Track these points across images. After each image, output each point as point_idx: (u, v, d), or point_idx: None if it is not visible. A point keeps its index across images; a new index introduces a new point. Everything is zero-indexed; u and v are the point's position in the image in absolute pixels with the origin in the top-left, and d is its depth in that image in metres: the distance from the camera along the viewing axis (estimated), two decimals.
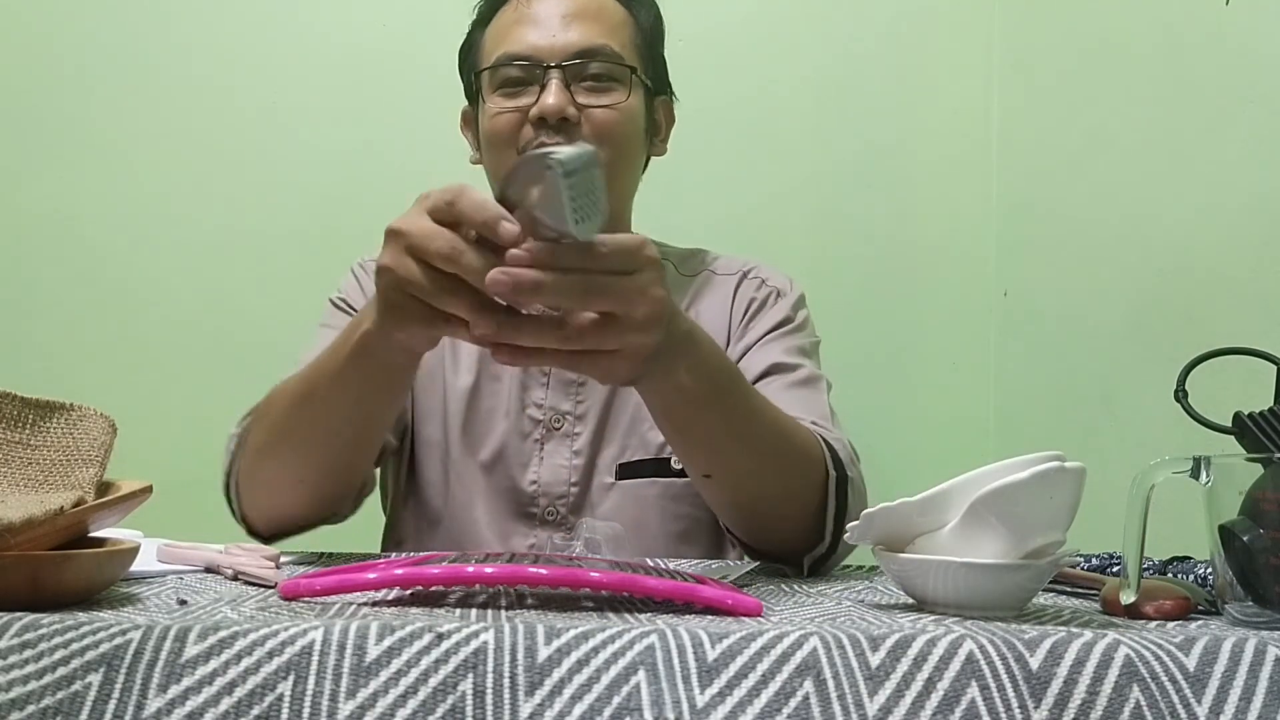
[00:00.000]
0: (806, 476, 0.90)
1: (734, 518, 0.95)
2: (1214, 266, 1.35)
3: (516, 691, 0.48)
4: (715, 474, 0.89)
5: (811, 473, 0.90)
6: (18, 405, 0.66)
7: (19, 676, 0.47)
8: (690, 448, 0.90)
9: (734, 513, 0.94)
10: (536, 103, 1.06)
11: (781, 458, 0.89)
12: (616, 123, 1.08)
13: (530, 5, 1.10)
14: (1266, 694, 0.51)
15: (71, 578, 0.58)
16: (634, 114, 1.11)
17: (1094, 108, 1.59)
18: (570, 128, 1.06)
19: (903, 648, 0.50)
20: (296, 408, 0.90)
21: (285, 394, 0.92)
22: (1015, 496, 0.62)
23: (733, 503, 0.93)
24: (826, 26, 1.80)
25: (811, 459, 0.90)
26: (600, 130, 1.07)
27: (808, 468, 0.90)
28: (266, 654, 0.48)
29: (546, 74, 1.06)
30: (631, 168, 1.14)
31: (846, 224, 1.76)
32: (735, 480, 0.89)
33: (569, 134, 1.06)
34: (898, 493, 0.68)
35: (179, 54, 1.73)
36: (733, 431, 0.86)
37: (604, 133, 1.07)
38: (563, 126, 1.06)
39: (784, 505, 0.90)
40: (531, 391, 1.14)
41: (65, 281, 1.70)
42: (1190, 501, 0.64)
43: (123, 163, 1.71)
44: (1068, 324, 1.63)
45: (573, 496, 1.11)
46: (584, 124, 1.07)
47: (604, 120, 1.07)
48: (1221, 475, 0.62)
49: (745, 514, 0.93)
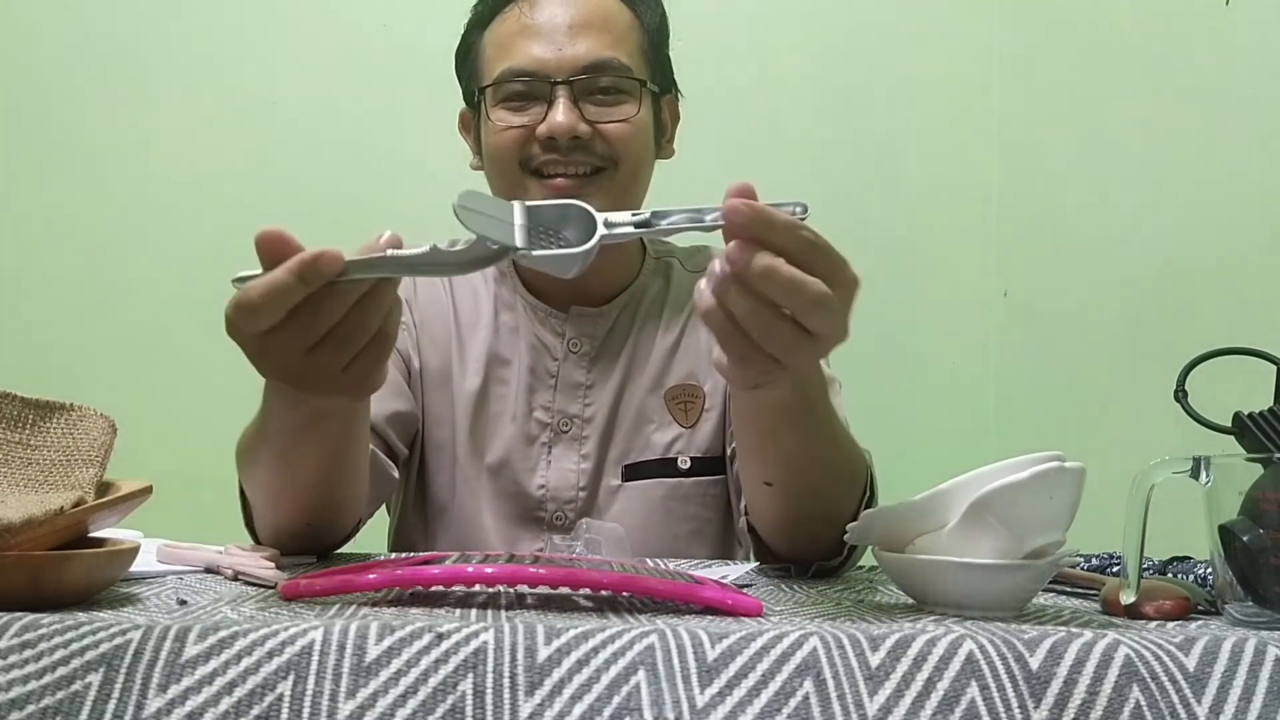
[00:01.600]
0: (851, 498, 0.86)
1: (778, 525, 0.89)
2: (1214, 266, 1.35)
3: (516, 691, 0.48)
4: (777, 484, 0.84)
5: (856, 492, 0.87)
6: (18, 405, 0.66)
7: (19, 676, 0.47)
8: (764, 458, 0.84)
9: (779, 523, 0.89)
10: (545, 120, 1.04)
11: (840, 479, 0.86)
12: (629, 137, 1.07)
13: (533, 13, 1.07)
14: (1266, 694, 0.51)
15: (71, 578, 0.58)
16: (644, 126, 1.10)
17: (1094, 108, 1.59)
18: (583, 144, 1.05)
19: (903, 648, 0.50)
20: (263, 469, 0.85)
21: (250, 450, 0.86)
22: (1015, 496, 0.62)
23: (783, 514, 0.88)
24: (827, 26, 1.80)
25: (860, 479, 0.87)
26: (615, 145, 1.06)
27: (854, 490, 0.87)
28: (266, 654, 0.48)
29: (554, 90, 1.04)
30: (643, 179, 1.12)
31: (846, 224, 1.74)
32: (796, 492, 0.85)
33: (582, 150, 1.05)
34: (898, 493, 0.68)
35: (179, 54, 1.73)
36: (809, 449, 0.81)
37: (618, 147, 1.06)
38: (574, 144, 1.05)
39: (824, 523, 0.86)
40: (539, 394, 1.13)
41: (65, 281, 1.70)
42: (1190, 501, 0.64)
43: (123, 162, 1.71)
44: (1068, 324, 1.63)
45: (581, 500, 1.11)
46: (597, 139, 1.06)
47: (616, 135, 1.06)
48: (1221, 475, 0.62)
49: (789, 525, 0.88)
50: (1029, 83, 1.76)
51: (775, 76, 1.79)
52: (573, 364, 1.14)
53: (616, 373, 1.14)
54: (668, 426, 1.13)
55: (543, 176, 1.07)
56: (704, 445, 1.13)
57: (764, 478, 0.85)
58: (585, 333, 1.15)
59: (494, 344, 1.15)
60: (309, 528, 0.89)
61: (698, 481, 1.11)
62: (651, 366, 1.14)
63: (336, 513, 0.90)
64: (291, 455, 0.82)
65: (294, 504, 0.87)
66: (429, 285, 1.18)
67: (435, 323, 1.16)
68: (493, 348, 1.15)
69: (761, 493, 0.86)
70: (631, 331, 1.16)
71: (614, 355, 1.15)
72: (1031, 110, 1.75)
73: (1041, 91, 1.73)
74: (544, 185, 1.06)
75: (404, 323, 1.15)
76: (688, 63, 1.21)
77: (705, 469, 1.12)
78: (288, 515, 0.88)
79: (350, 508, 0.92)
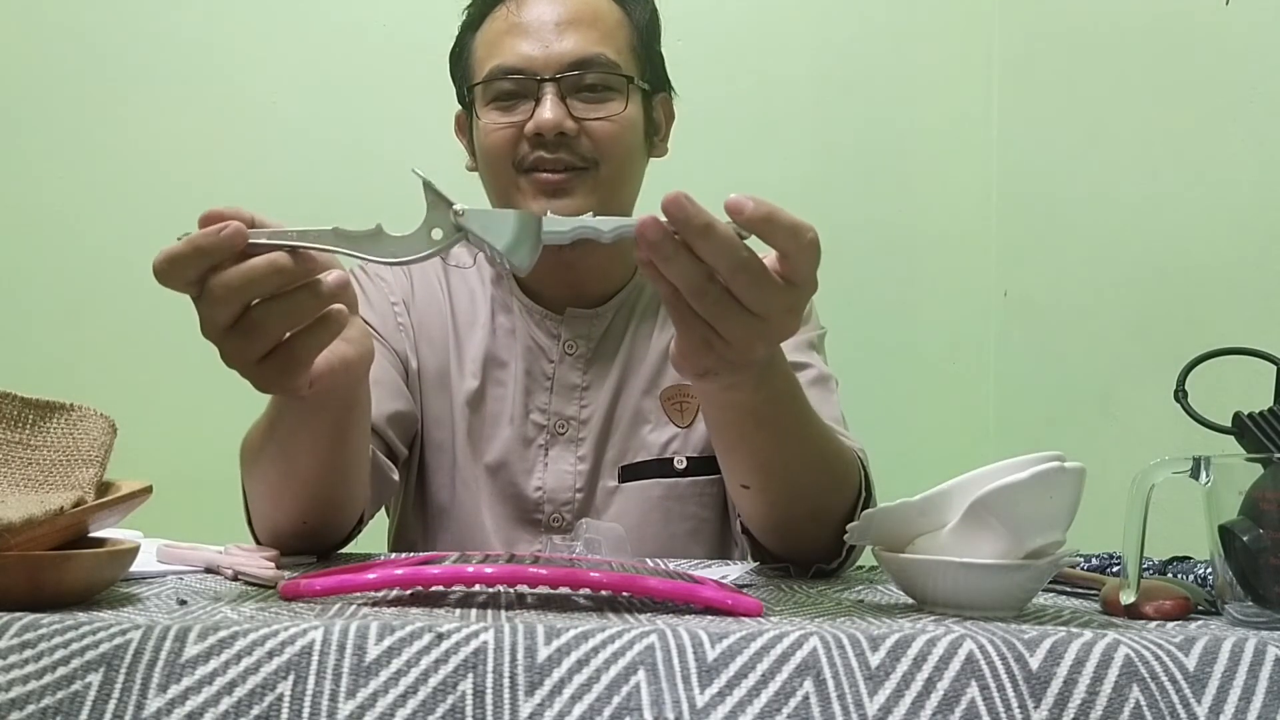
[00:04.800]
0: (841, 497, 0.86)
1: (763, 527, 0.90)
2: (1214, 266, 1.35)
3: (516, 691, 0.48)
4: (755, 487, 0.85)
5: (847, 494, 0.87)
6: (18, 405, 0.66)
7: (19, 676, 0.47)
8: (737, 459, 0.85)
9: (764, 524, 0.90)
10: (532, 118, 1.04)
11: (823, 479, 0.85)
12: (616, 134, 1.07)
13: (521, 11, 1.07)
14: (1266, 694, 0.51)
15: (71, 578, 0.58)
16: (633, 123, 1.09)
17: (1094, 107, 1.59)
18: (568, 141, 1.05)
19: (903, 648, 0.50)
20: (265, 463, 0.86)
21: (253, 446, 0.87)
22: (1015, 496, 0.62)
23: (766, 516, 0.88)
24: (827, 26, 1.80)
25: (849, 482, 0.87)
26: (600, 143, 1.06)
27: (844, 489, 0.87)
28: (266, 654, 0.48)
29: (541, 87, 1.04)
30: (633, 177, 1.12)
31: (846, 224, 1.76)
32: (775, 494, 0.85)
33: (567, 148, 1.05)
34: (898, 493, 0.68)
35: (179, 54, 1.73)
36: (783, 450, 0.82)
37: (603, 145, 1.06)
38: (560, 141, 1.05)
39: (814, 522, 0.86)
40: (535, 396, 1.13)
41: (65, 281, 1.70)
42: (1190, 501, 0.64)
43: (123, 162, 1.72)
44: (1068, 324, 1.63)
45: (578, 502, 1.11)
46: (582, 137, 1.06)
47: (603, 133, 1.06)
48: (1221, 475, 0.62)
49: (776, 526, 0.89)
50: (1029, 83, 1.76)
51: (775, 76, 1.79)
52: (569, 366, 1.14)
53: (612, 374, 1.14)
54: (664, 427, 1.13)
55: (533, 173, 1.07)
56: (700, 445, 1.13)
57: (741, 480, 0.85)
58: (581, 334, 1.15)
59: (491, 345, 1.15)
60: (305, 525, 0.89)
61: (694, 481, 1.11)
62: (647, 367, 1.15)
63: (335, 511, 0.90)
64: (288, 448, 0.83)
65: (292, 501, 0.87)
66: (427, 287, 1.18)
67: (433, 324, 1.16)
68: (490, 349, 1.15)
69: (742, 495, 0.87)
70: (627, 333, 1.16)
71: (610, 357, 1.15)
72: (1031, 110, 1.75)
73: (1041, 91, 1.73)
74: (533, 181, 1.06)
75: (401, 324, 1.15)
76: (687, 62, 1.21)
77: (702, 469, 1.12)
78: (286, 513, 0.88)
79: (348, 508, 0.92)
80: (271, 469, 0.86)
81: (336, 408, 0.80)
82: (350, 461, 0.87)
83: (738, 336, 0.67)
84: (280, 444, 0.83)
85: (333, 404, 0.79)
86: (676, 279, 0.64)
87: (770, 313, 0.66)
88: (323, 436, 0.82)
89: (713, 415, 0.82)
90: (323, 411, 0.79)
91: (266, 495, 0.89)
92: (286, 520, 0.89)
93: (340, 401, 0.80)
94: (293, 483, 0.85)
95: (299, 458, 0.83)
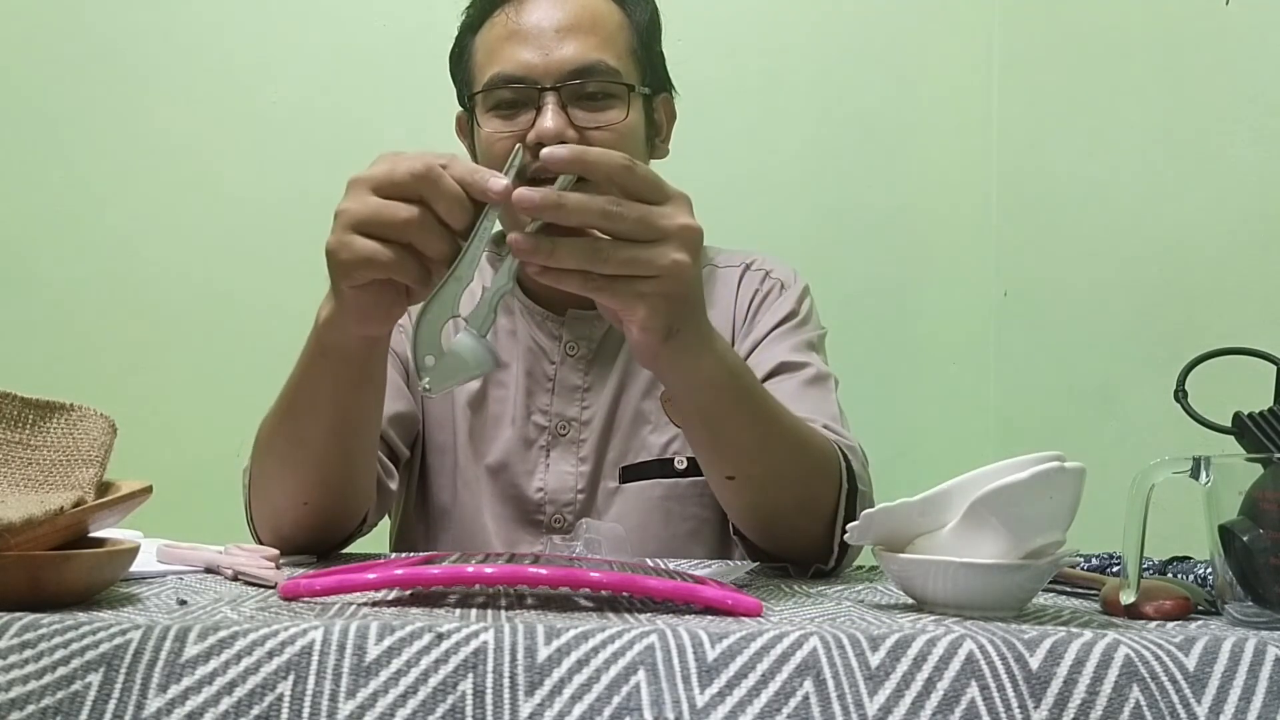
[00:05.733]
0: (824, 486, 0.88)
1: (750, 523, 0.92)
2: (1214, 266, 1.35)
3: (516, 691, 0.48)
4: (739, 476, 0.87)
5: (829, 482, 0.88)
6: (18, 405, 0.66)
7: (19, 676, 0.47)
8: (715, 448, 0.87)
9: (751, 518, 0.92)
10: (533, 127, 1.03)
11: (802, 464, 0.87)
12: (617, 143, 1.05)
13: (520, 16, 1.06)
14: (1266, 694, 0.51)
15: (71, 578, 0.58)
16: (635, 130, 1.08)
17: (1094, 108, 1.59)
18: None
19: (903, 648, 0.50)
20: (281, 427, 0.88)
21: (270, 416, 0.90)
22: (1015, 496, 0.62)
23: (752, 508, 0.90)
24: (826, 26, 1.80)
25: (829, 469, 0.89)
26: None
27: (826, 477, 0.88)
28: (266, 654, 0.48)
29: (542, 96, 1.03)
30: None
31: (846, 224, 1.76)
32: (757, 484, 0.87)
33: None
34: (898, 493, 0.68)
35: (179, 53, 1.73)
36: (757, 433, 0.84)
37: None
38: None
39: (801, 514, 0.88)
40: (537, 398, 1.13)
41: (65, 280, 1.70)
42: (1190, 501, 0.64)
43: (123, 162, 1.71)
44: (1068, 324, 1.63)
45: (579, 503, 1.11)
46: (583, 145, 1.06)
47: (604, 142, 1.04)
48: (1221, 475, 0.62)
49: (763, 520, 0.91)
50: (1029, 83, 1.76)
51: (774, 75, 1.78)
52: (570, 367, 1.14)
53: (613, 375, 1.14)
54: (664, 427, 1.13)
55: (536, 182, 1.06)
56: None
57: (724, 472, 0.87)
58: (582, 336, 1.15)
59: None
60: (307, 506, 0.90)
61: (695, 481, 1.11)
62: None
63: (337, 497, 0.91)
64: (303, 418, 0.86)
65: (296, 478, 0.89)
66: None
67: None
68: None
69: (726, 489, 0.89)
70: None
71: (610, 358, 1.15)
72: (1031, 110, 1.75)
73: (1041, 91, 1.73)
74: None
75: (400, 325, 1.15)
76: (687, 60, 1.21)
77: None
78: (290, 493, 0.89)
79: (352, 500, 0.93)
80: (283, 441, 0.88)
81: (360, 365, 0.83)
82: (360, 438, 0.90)
83: (655, 258, 0.71)
84: (296, 416, 0.86)
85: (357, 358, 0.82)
86: (583, 215, 0.70)
87: (667, 216, 0.72)
88: (340, 402, 0.85)
89: (682, 400, 0.84)
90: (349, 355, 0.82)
91: (274, 472, 0.90)
92: (289, 502, 0.90)
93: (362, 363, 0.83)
94: (302, 452, 0.88)
95: (313, 425, 0.86)
